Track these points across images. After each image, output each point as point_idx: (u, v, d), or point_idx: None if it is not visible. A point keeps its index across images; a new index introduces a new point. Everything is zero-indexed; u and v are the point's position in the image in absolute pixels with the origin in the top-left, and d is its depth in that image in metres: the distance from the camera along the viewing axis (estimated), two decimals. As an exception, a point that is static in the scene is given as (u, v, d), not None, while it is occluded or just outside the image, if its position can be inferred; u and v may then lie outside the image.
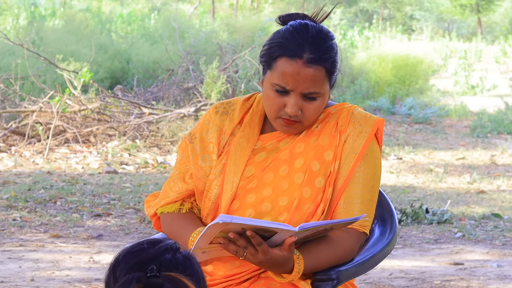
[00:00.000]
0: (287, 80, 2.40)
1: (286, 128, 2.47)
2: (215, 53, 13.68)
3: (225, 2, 34.45)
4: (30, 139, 9.79)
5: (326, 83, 2.44)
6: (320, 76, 2.41)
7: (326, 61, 2.41)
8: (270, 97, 2.45)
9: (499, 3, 36.81)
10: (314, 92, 2.42)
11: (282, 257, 2.25)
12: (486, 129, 13.01)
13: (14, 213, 6.54)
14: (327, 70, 2.42)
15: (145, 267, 1.74)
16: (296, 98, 2.42)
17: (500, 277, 5.24)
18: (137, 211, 6.83)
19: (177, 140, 10.10)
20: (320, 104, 2.45)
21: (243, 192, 2.47)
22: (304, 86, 2.40)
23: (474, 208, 7.50)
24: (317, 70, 2.40)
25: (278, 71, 2.41)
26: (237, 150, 2.51)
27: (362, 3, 38.71)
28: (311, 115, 2.45)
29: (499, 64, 24.79)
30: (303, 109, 2.44)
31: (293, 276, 2.33)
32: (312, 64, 2.39)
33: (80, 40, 14.45)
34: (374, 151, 2.50)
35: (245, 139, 2.53)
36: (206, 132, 2.56)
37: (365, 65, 16.84)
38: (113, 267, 1.79)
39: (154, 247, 1.79)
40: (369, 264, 2.50)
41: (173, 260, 1.77)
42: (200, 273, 1.80)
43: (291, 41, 2.41)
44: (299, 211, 2.42)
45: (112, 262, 1.80)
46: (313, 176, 2.45)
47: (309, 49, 2.39)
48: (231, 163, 2.50)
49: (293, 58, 2.39)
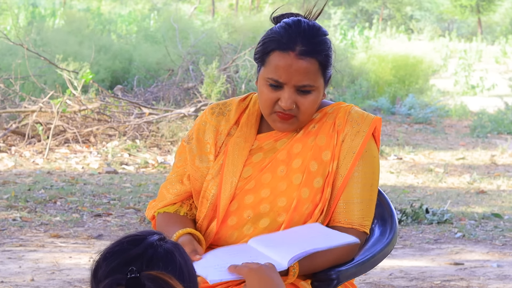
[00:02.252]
0: (280, 73, 2.40)
1: (281, 124, 2.46)
2: (215, 53, 13.69)
3: (225, 2, 34.44)
4: (30, 139, 9.79)
5: (319, 77, 2.43)
6: (313, 68, 2.41)
7: (319, 54, 2.41)
8: (264, 93, 2.45)
9: (499, 3, 36.80)
10: (308, 85, 2.42)
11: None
12: (486, 129, 13.01)
13: (14, 213, 6.54)
14: (320, 64, 2.42)
15: (127, 267, 1.72)
16: (289, 92, 2.42)
17: (500, 277, 5.24)
18: (137, 211, 6.83)
19: (177, 140, 10.11)
20: (314, 98, 2.45)
21: (241, 193, 2.46)
22: (297, 78, 2.40)
23: (474, 208, 7.50)
24: (309, 62, 2.40)
25: (271, 65, 2.42)
26: (235, 150, 2.51)
27: (362, 3, 38.71)
28: (305, 109, 2.45)
29: (499, 64, 24.79)
30: (298, 103, 2.44)
31: (289, 280, 2.33)
32: (305, 56, 2.39)
33: (80, 40, 14.45)
34: (372, 150, 2.50)
35: (242, 138, 2.52)
36: (203, 133, 2.56)
37: (365, 65, 16.83)
38: (95, 269, 1.77)
39: (135, 245, 1.77)
40: (369, 264, 2.50)
41: (155, 257, 1.75)
42: (183, 266, 1.78)
43: (284, 35, 2.41)
44: (298, 212, 2.42)
45: (93, 264, 1.78)
46: (311, 177, 2.45)
47: (301, 41, 2.40)
48: (229, 163, 2.49)
49: (286, 51, 2.40)
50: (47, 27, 15.89)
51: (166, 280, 1.72)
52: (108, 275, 1.73)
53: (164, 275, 1.72)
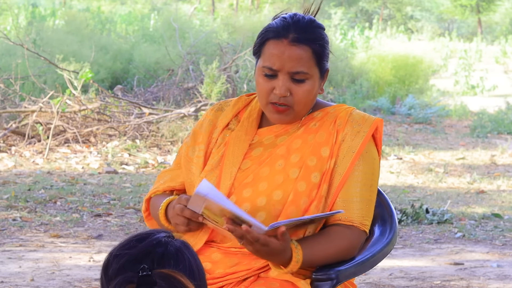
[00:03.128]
0: (274, 60, 2.44)
1: (278, 116, 2.49)
2: (215, 53, 13.68)
3: (225, 2, 34.44)
4: (30, 139, 9.79)
5: (313, 66, 2.46)
6: (306, 56, 2.44)
7: (312, 42, 2.44)
8: (259, 83, 2.49)
9: (500, 3, 36.80)
10: (301, 71, 2.44)
11: (279, 245, 2.28)
12: (486, 129, 13.01)
13: (14, 213, 6.54)
14: (314, 52, 2.45)
15: (137, 265, 1.73)
16: (284, 79, 2.45)
17: (500, 277, 5.24)
18: (137, 211, 6.83)
19: (177, 140, 10.11)
20: (309, 88, 2.47)
21: (240, 186, 2.47)
22: (290, 64, 2.43)
23: (474, 208, 7.50)
24: (302, 49, 2.43)
25: (266, 55, 2.46)
26: (236, 142, 2.54)
27: (362, 3, 38.71)
28: (300, 99, 2.47)
29: (499, 64, 24.79)
30: (292, 92, 2.46)
31: (292, 266, 2.33)
32: (298, 43, 2.43)
33: (80, 40, 14.45)
34: (372, 152, 2.51)
35: (243, 132, 2.56)
36: (200, 126, 2.62)
37: (365, 65, 16.83)
38: (105, 267, 1.78)
39: (144, 243, 1.77)
40: (369, 264, 2.50)
41: (165, 255, 1.76)
42: (193, 264, 1.78)
43: (278, 24, 2.47)
44: (295, 205, 2.43)
45: (104, 263, 1.79)
46: (309, 171, 2.46)
47: (294, 30, 2.45)
48: (230, 154, 2.52)
49: (279, 39, 2.45)
50: (47, 27, 15.88)
51: (178, 278, 1.73)
52: (118, 273, 1.73)
53: (176, 273, 1.73)
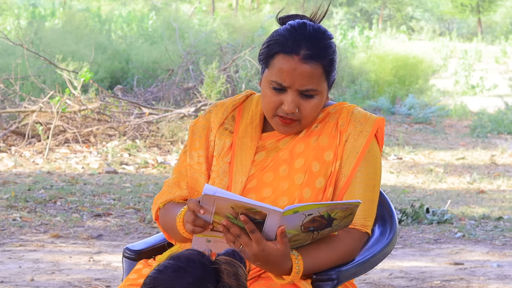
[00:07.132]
0: (284, 77, 2.40)
1: (284, 128, 2.47)
2: (215, 53, 13.67)
3: (225, 2, 34.44)
4: (30, 139, 9.79)
5: (323, 81, 2.43)
6: (317, 73, 2.41)
7: (323, 59, 2.41)
8: (267, 95, 2.45)
9: (500, 3, 36.81)
10: (311, 89, 2.42)
11: (276, 251, 2.24)
12: (486, 129, 13.01)
13: (14, 213, 6.53)
14: (324, 68, 2.42)
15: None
16: (293, 95, 2.42)
17: (500, 277, 5.23)
18: (137, 211, 6.83)
19: (177, 140, 10.10)
20: (317, 102, 2.45)
21: (243, 191, 2.47)
22: (301, 82, 2.40)
23: (474, 208, 7.50)
24: (314, 67, 2.40)
25: (275, 68, 2.41)
26: (242, 150, 2.52)
27: (362, 3, 38.71)
28: (308, 113, 2.45)
29: (499, 64, 24.79)
30: (301, 107, 2.44)
31: (293, 276, 2.32)
32: (309, 61, 2.39)
33: (80, 40, 14.45)
34: (374, 151, 2.50)
35: (248, 138, 2.53)
36: (195, 133, 2.58)
37: (365, 65, 16.83)
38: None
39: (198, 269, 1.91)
40: (369, 264, 2.50)
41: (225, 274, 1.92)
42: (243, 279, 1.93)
43: (289, 38, 2.41)
44: None
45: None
46: (313, 177, 2.45)
47: (306, 45, 2.40)
48: (238, 162, 2.50)
49: (290, 55, 2.39)
50: (46, 27, 15.88)
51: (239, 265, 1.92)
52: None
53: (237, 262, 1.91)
